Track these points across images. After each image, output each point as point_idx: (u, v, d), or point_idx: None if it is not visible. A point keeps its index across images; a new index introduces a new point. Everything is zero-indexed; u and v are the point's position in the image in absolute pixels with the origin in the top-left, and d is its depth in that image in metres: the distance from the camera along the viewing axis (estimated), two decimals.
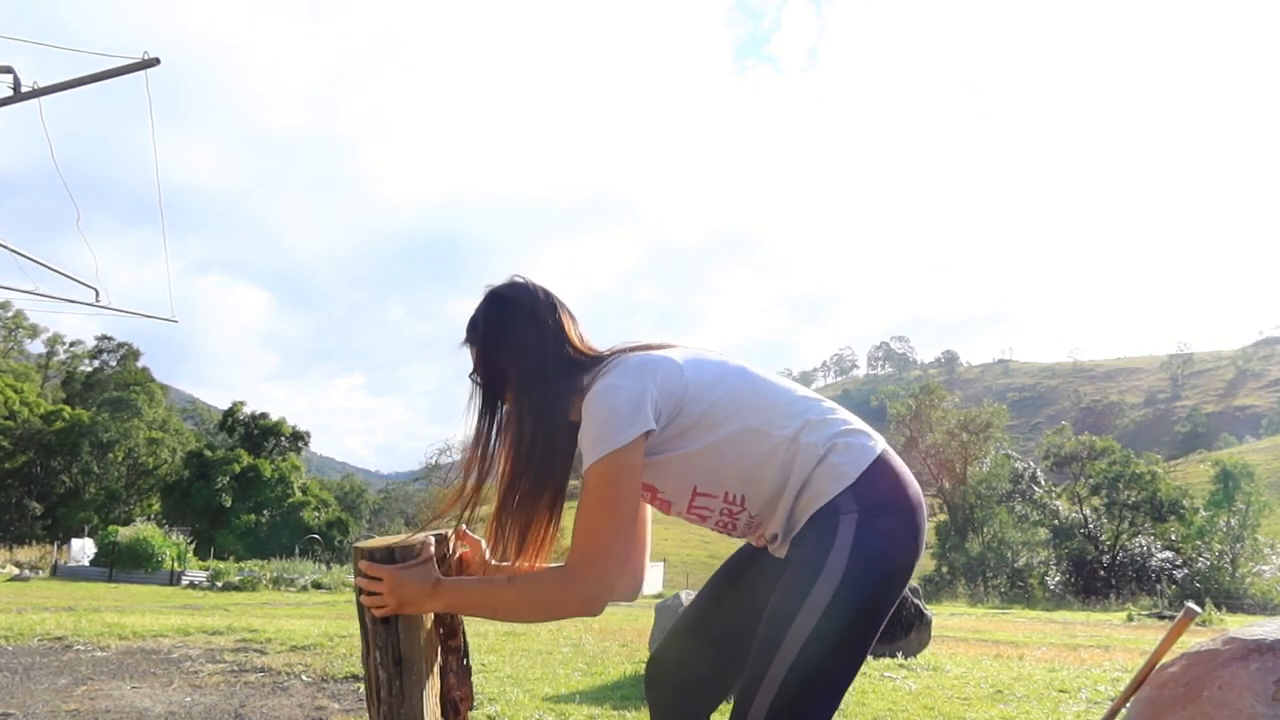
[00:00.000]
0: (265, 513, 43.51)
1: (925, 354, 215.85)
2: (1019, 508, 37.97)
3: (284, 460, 46.54)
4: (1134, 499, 35.25)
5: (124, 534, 21.72)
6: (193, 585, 19.27)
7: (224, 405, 55.83)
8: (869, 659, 6.10)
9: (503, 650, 6.08)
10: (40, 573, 22.08)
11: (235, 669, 5.03)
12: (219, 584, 18.93)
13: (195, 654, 5.59)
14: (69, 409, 48.05)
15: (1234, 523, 31.93)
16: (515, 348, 1.46)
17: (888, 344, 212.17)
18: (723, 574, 1.68)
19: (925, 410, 45.24)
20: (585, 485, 1.38)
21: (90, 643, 6.00)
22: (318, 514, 44.80)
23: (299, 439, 49.34)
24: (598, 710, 4.02)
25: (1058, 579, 34.85)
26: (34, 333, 57.17)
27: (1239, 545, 31.56)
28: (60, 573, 21.44)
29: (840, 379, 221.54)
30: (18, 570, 22.14)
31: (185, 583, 19.75)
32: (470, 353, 1.52)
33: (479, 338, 1.50)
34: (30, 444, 45.93)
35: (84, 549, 23.65)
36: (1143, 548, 34.38)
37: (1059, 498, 38.65)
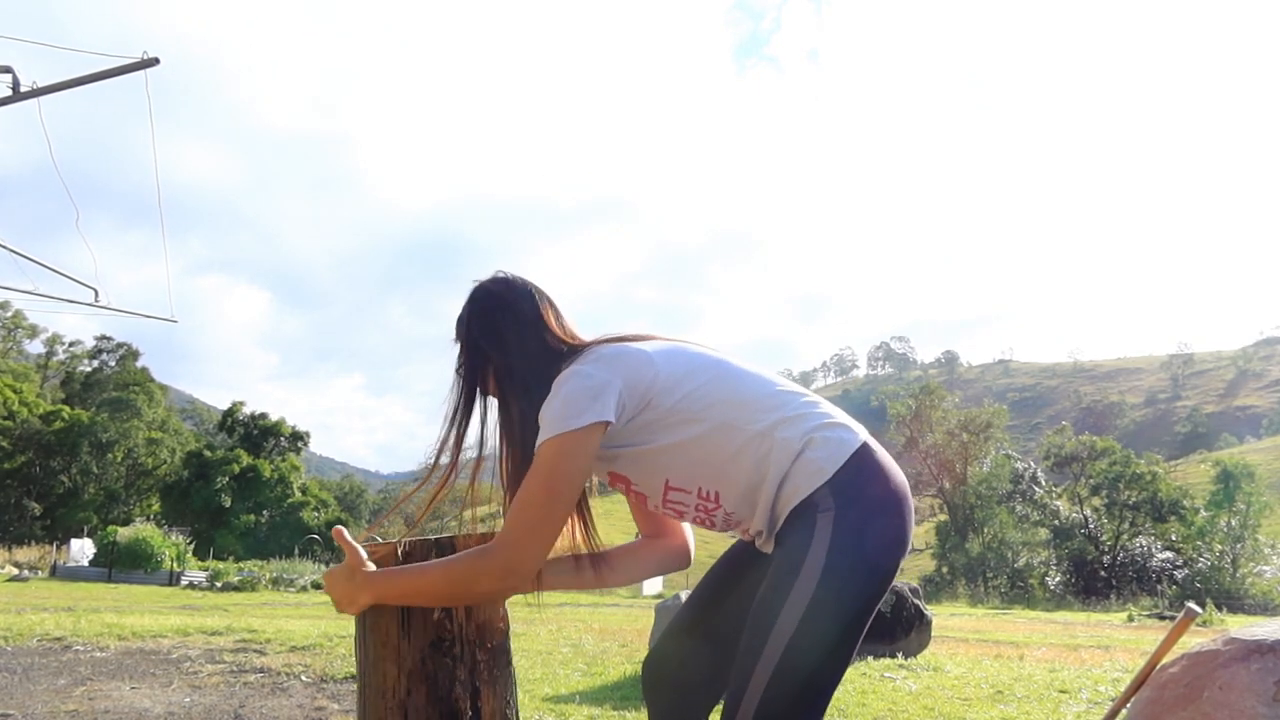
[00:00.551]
0: (265, 513, 43.50)
1: (925, 354, 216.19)
2: (1019, 508, 37.96)
3: (284, 460, 46.53)
4: (1134, 499, 35.23)
5: (123, 534, 21.67)
6: (192, 586, 19.25)
7: (223, 405, 55.90)
8: (869, 659, 6.09)
9: None
10: (39, 573, 22.05)
11: (235, 669, 5.03)
12: (218, 584, 18.92)
13: (195, 654, 5.58)
14: (68, 409, 48.05)
15: (1234, 523, 31.89)
16: (494, 338, 1.50)
17: (888, 344, 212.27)
18: (718, 571, 1.67)
19: (925, 410, 45.25)
20: (532, 463, 1.37)
21: (89, 643, 6.00)
22: (317, 514, 44.77)
23: (299, 439, 49.32)
24: (598, 710, 4.02)
25: (1058, 579, 34.84)
26: (33, 333, 57.23)
27: (1239, 545, 31.53)
28: (59, 573, 21.41)
29: (840, 379, 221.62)
30: (17, 570, 22.12)
31: (185, 583, 19.73)
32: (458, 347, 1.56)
33: (463, 331, 1.53)
34: (29, 444, 45.93)
35: (83, 549, 23.61)
36: (1143, 548, 34.37)
37: (1059, 498, 38.62)
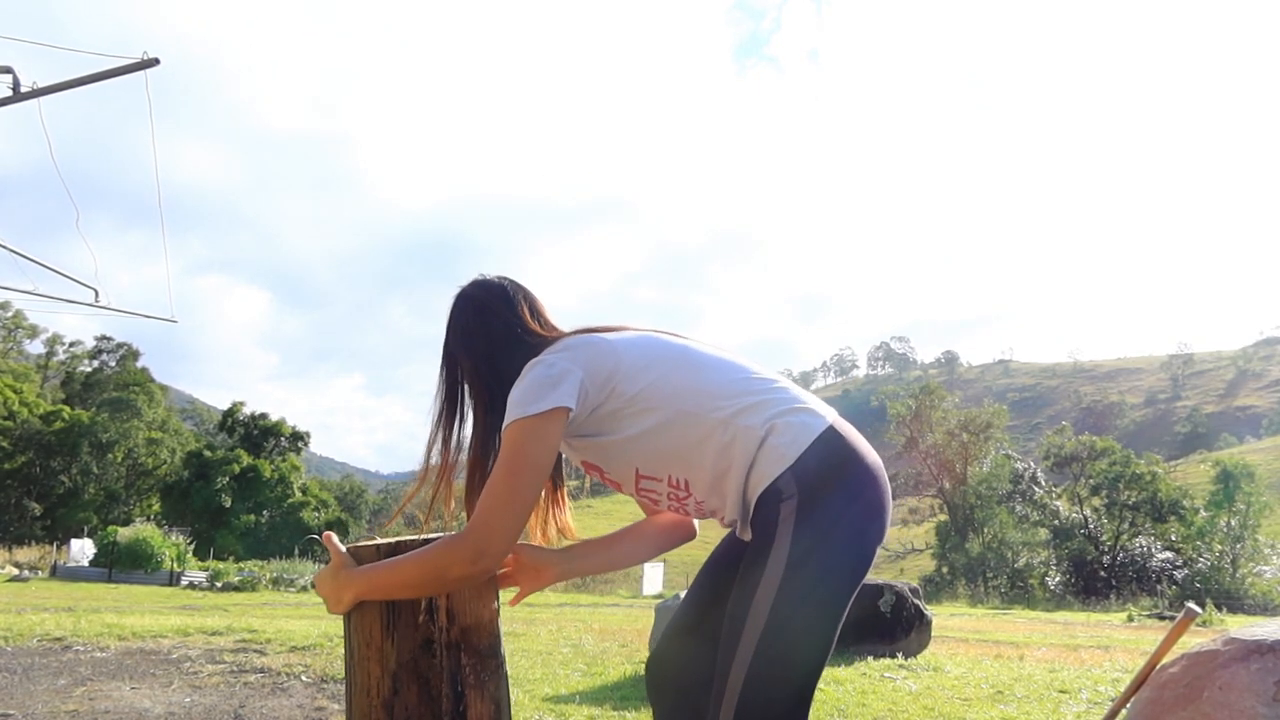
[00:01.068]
0: (265, 513, 43.49)
1: (925, 354, 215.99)
2: (1019, 508, 37.94)
3: (284, 460, 46.53)
4: (1134, 499, 35.21)
5: (123, 534, 21.68)
6: (192, 586, 19.26)
7: (224, 405, 55.86)
8: (869, 660, 6.09)
9: None
10: (39, 573, 22.06)
11: (235, 669, 5.03)
12: (218, 584, 18.92)
13: (195, 654, 5.58)
14: (68, 409, 48.06)
15: (1234, 523, 31.88)
16: (465, 341, 1.56)
17: (888, 344, 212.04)
18: (709, 569, 1.67)
19: (925, 411, 45.23)
20: (499, 451, 1.40)
21: (90, 643, 6.00)
22: (317, 514, 44.77)
23: (299, 439, 49.31)
24: (598, 710, 4.02)
25: (1058, 579, 34.83)
26: (33, 333, 57.27)
27: (1239, 546, 31.52)
28: (59, 573, 21.41)
29: (840, 379, 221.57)
30: (17, 571, 22.13)
31: (185, 583, 19.73)
32: None
33: (444, 334, 1.59)
34: (30, 444, 45.93)
35: (83, 549, 23.59)
36: (1143, 548, 34.36)
37: (1059, 498, 38.60)
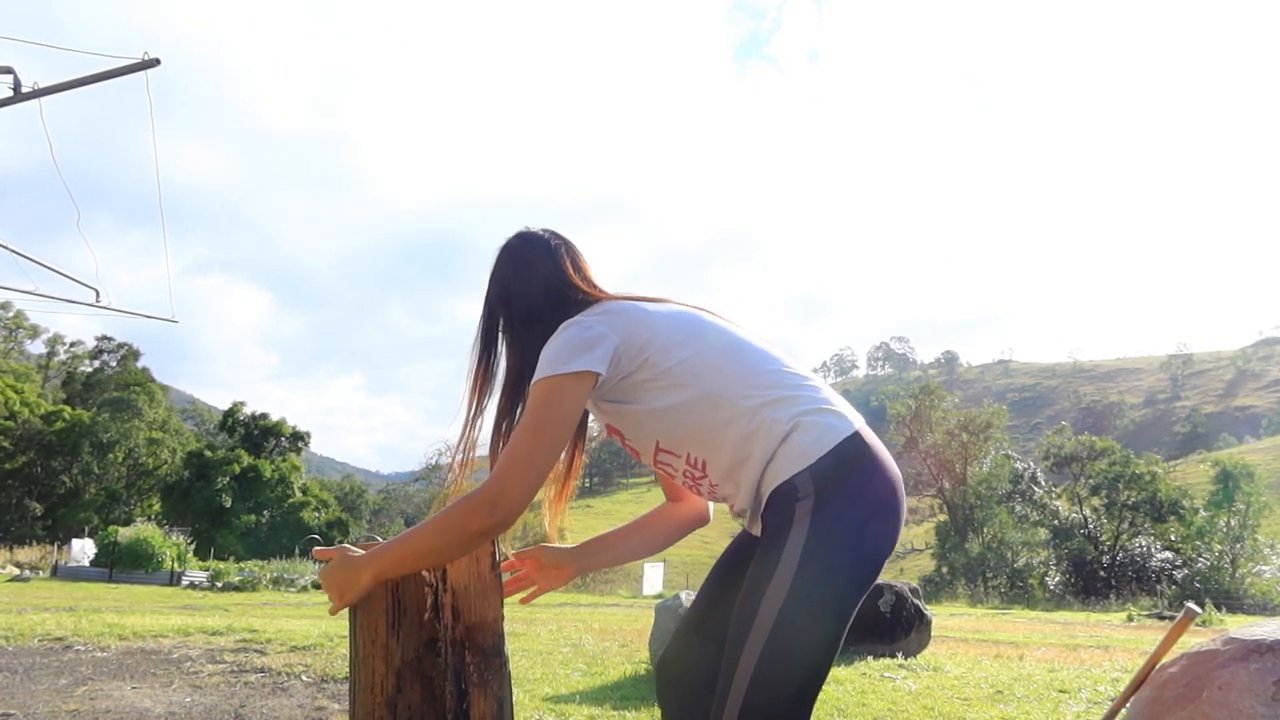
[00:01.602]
0: (265, 513, 43.49)
1: (925, 354, 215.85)
2: (1019, 508, 37.94)
3: (284, 460, 46.52)
4: (1134, 499, 35.22)
5: (124, 534, 21.68)
6: (193, 586, 19.26)
7: (224, 405, 55.83)
8: (869, 659, 6.10)
9: None
10: (40, 573, 22.07)
11: (235, 669, 5.04)
12: (219, 584, 18.92)
13: (195, 654, 5.59)
14: (69, 409, 48.07)
15: (1234, 523, 31.90)
16: (507, 288, 1.55)
17: (887, 344, 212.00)
18: (718, 569, 1.66)
19: (925, 411, 45.25)
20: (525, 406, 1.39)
21: (90, 643, 6.00)
22: (318, 514, 44.78)
23: (299, 439, 49.30)
24: (598, 710, 4.03)
25: (1058, 579, 34.83)
26: (34, 333, 57.33)
27: (1239, 545, 31.54)
28: (60, 573, 21.41)
29: (840, 379, 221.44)
30: (18, 571, 22.13)
31: (185, 583, 19.73)
32: None
33: (486, 285, 1.59)
34: (30, 444, 45.94)
35: (84, 549, 23.59)
36: (1143, 548, 34.36)
37: (1059, 498, 38.61)
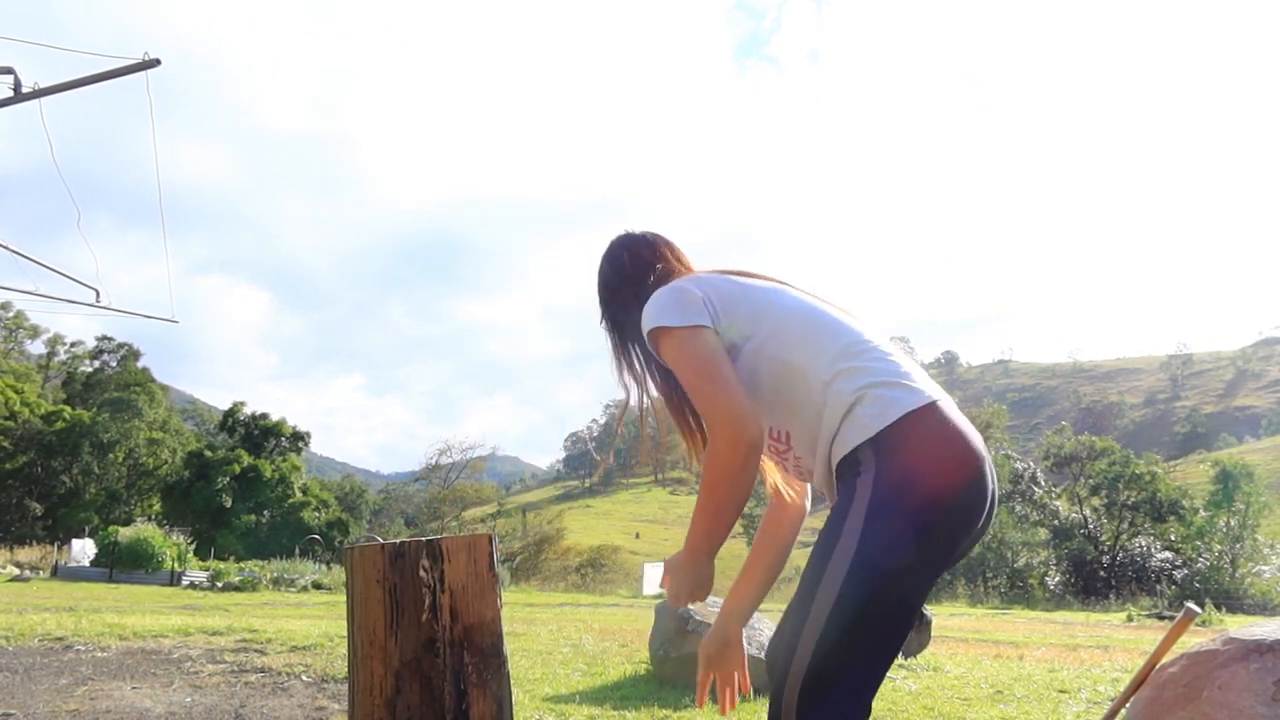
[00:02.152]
0: (265, 513, 43.47)
1: (925, 354, 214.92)
2: (1019, 508, 37.91)
3: (284, 460, 46.50)
4: (1134, 499, 35.21)
5: (124, 534, 21.67)
6: (193, 585, 19.25)
7: (224, 405, 55.75)
8: None
9: None
10: (41, 573, 22.05)
11: (235, 669, 5.04)
12: (219, 584, 18.92)
13: (196, 654, 5.59)
14: (69, 409, 48.04)
15: (1234, 523, 31.89)
16: (611, 295, 1.68)
17: None
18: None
19: None
20: (670, 364, 1.44)
21: (91, 643, 6.01)
22: (318, 514, 44.75)
23: (299, 439, 49.27)
24: (598, 710, 4.03)
25: (1057, 579, 34.83)
26: (34, 333, 57.27)
27: (1239, 545, 31.53)
28: (61, 573, 21.40)
29: None
30: (18, 571, 22.11)
31: (185, 583, 19.72)
32: None
33: (597, 287, 1.72)
34: (31, 444, 45.92)
35: (84, 549, 23.59)
36: (1142, 548, 34.35)
37: (1059, 498, 38.59)
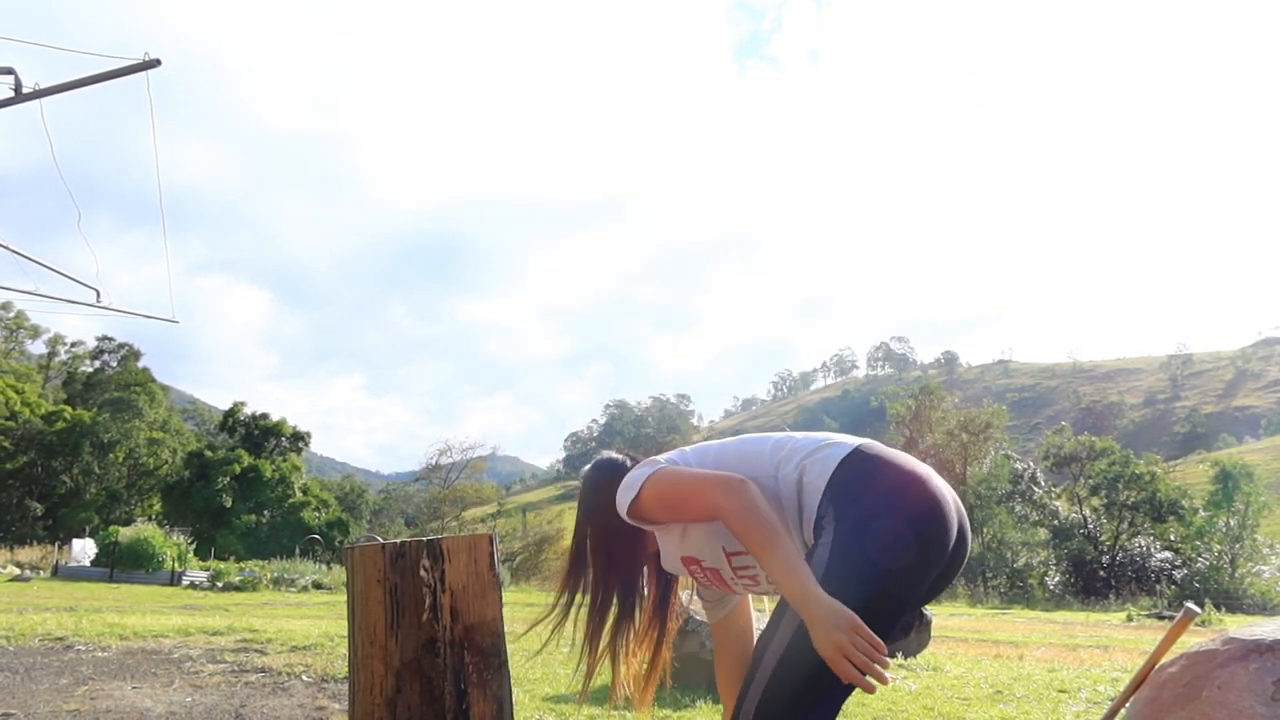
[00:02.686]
0: (266, 513, 43.47)
1: (925, 354, 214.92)
2: (1019, 508, 37.94)
3: (284, 460, 46.50)
4: (1133, 499, 35.23)
5: (125, 534, 21.69)
6: (193, 585, 19.26)
7: (224, 405, 55.73)
8: None
9: None
10: (41, 573, 22.06)
11: (236, 669, 5.04)
12: (219, 584, 18.93)
13: (196, 654, 5.59)
14: (70, 409, 48.03)
15: (1233, 523, 31.91)
16: (587, 510, 1.93)
17: (887, 344, 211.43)
18: None
19: (925, 411, 45.21)
20: (654, 512, 1.67)
21: (91, 643, 6.01)
22: (318, 514, 44.75)
23: (299, 439, 49.27)
24: (598, 710, 4.03)
25: (1057, 579, 34.85)
26: (35, 333, 57.23)
27: (1238, 545, 31.54)
28: (61, 573, 21.42)
29: (840, 379, 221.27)
30: (19, 570, 22.12)
31: (186, 583, 19.73)
32: None
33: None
34: (31, 444, 45.92)
35: (85, 549, 23.61)
36: (1142, 548, 34.37)
37: (1059, 498, 38.62)
